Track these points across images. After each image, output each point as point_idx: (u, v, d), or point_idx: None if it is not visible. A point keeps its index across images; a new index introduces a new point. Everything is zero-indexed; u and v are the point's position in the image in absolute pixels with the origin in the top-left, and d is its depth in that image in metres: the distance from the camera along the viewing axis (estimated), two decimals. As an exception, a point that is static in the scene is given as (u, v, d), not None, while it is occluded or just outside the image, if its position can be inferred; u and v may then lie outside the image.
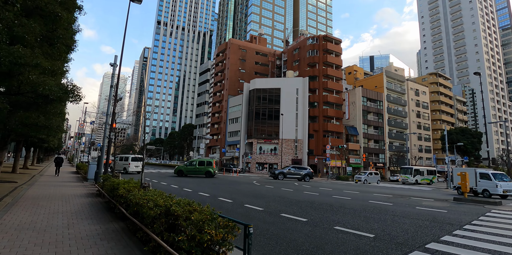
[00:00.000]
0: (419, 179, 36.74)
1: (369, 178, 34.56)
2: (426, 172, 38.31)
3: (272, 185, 19.47)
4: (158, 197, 5.04)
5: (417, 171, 37.35)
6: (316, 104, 51.64)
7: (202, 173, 25.64)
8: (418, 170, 37.65)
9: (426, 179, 37.63)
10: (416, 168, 37.89)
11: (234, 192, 13.77)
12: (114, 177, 9.85)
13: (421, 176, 37.16)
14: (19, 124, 12.42)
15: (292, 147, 50.47)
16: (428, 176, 38.15)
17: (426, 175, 37.86)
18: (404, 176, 37.45)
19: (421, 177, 37.16)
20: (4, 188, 10.50)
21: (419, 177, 36.76)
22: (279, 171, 29.78)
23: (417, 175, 36.72)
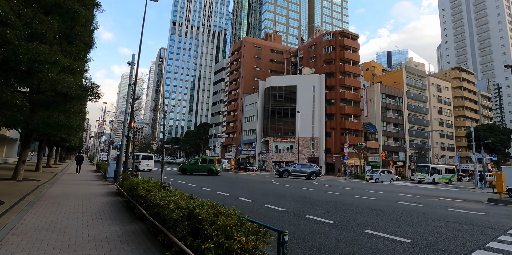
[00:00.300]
0: (437, 178, 34.80)
1: (382, 176, 32.73)
2: (444, 170, 36.33)
3: (291, 184, 19.04)
4: (179, 198, 4.75)
5: (435, 170, 35.35)
6: (333, 102, 50.63)
7: (204, 171, 25.72)
8: (436, 169, 35.65)
9: (445, 178, 35.67)
10: (434, 166, 35.93)
11: (253, 192, 13.45)
12: (133, 176, 9.73)
13: (438, 175, 35.21)
14: (41, 123, 12.56)
15: (308, 145, 49.75)
16: (447, 175, 36.18)
17: (444, 174, 35.93)
18: (420, 174, 35.62)
19: (439, 176, 35.20)
20: (28, 187, 10.60)
21: (436, 176, 34.83)
22: (284, 169, 29.30)
23: (434, 174, 34.81)
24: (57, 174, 17.62)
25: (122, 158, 13.31)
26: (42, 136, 19.66)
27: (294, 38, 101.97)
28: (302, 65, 59.94)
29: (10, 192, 8.95)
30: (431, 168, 35.19)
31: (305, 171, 28.62)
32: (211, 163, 25.74)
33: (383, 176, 33.02)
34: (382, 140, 52.05)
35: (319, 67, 53.03)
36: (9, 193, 8.75)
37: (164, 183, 6.30)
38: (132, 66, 14.36)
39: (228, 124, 67.47)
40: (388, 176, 33.46)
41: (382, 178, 32.70)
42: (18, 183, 11.50)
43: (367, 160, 48.64)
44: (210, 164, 25.72)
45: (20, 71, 7.12)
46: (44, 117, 13.12)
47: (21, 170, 12.59)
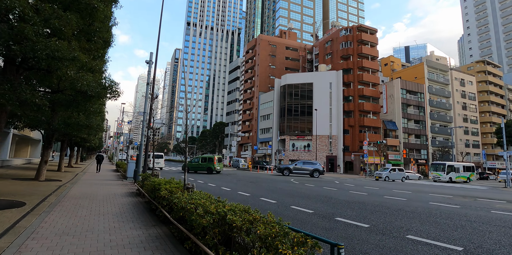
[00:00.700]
0: (454, 176, 32.65)
1: (392, 174, 30.82)
2: (462, 168, 33.88)
3: (313, 184, 18.45)
4: (206, 202, 4.35)
5: (451, 168, 32.95)
6: (351, 98, 49.38)
7: (204, 169, 26.22)
8: (452, 167, 33.25)
9: (462, 177, 33.33)
10: (450, 164, 33.49)
11: (275, 192, 12.98)
12: (153, 176, 9.47)
13: (455, 173, 32.99)
14: (62, 123, 12.57)
15: (326, 143, 48.79)
16: (465, 173, 33.77)
17: (462, 172, 33.60)
18: (435, 173, 33.46)
19: (456, 175, 32.97)
20: (50, 187, 10.56)
21: (453, 175, 32.68)
22: (285, 166, 28.95)
23: (451, 172, 32.56)
24: (78, 174, 17.77)
25: (142, 158, 13.15)
26: (63, 137, 19.93)
27: (309, 35, 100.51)
28: (318, 62, 58.83)
29: (32, 193, 8.88)
30: (447, 166, 32.79)
31: (307, 169, 28.13)
32: (211, 162, 26.18)
33: (393, 174, 31.15)
34: (403, 138, 50.36)
35: (336, 63, 51.83)
36: (31, 194, 8.66)
37: (187, 184, 5.92)
38: (150, 65, 14.17)
39: (244, 123, 67.24)
40: (399, 174, 31.57)
41: (393, 176, 30.77)
42: (40, 183, 11.52)
43: (387, 158, 47.17)
44: (210, 163, 26.17)
45: (40, 69, 6.95)
46: (65, 118, 13.16)
47: (43, 170, 12.65)
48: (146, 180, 9.14)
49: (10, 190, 9.10)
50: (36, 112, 10.31)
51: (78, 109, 8.79)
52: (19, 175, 14.27)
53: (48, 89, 8.08)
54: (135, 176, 13.21)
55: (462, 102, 59.51)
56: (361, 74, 48.69)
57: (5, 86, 5.77)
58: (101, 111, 14.39)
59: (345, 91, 49.25)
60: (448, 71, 59.23)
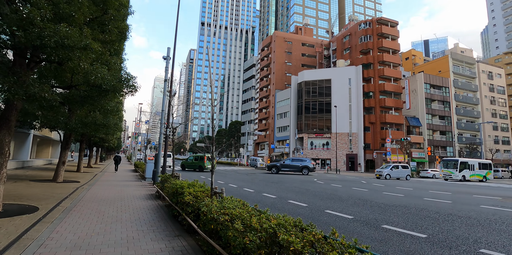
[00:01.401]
0: (467, 174, 29.66)
1: (394, 172, 28.28)
2: (478, 165, 30.95)
3: (339, 184, 17.38)
4: (243, 212, 3.52)
5: (465, 165, 29.90)
6: (372, 94, 47.57)
7: (196, 167, 27.48)
8: (466, 163, 30.16)
9: (478, 175, 30.39)
10: (464, 161, 30.49)
11: (303, 193, 12.06)
12: (173, 178, 8.77)
13: (470, 171, 29.99)
14: (79, 123, 12.11)
15: (346, 141, 47.26)
16: (480, 171, 30.83)
17: (477, 170, 30.68)
18: (446, 170, 30.27)
19: (470, 172, 29.97)
20: (66, 189, 10.08)
21: (467, 173, 29.69)
22: (272, 164, 28.86)
23: (464, 170, 29.55)
24: (97, 175, 17.46)
25: (160, 158, 12.54)
26: (82, 137, 19.73)
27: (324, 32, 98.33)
28: (335, 58, 57.16)
29: (48, 196, 8.36)
30: (460, 163, 29.65)
31: (296, 166, 27.84)
32: (201, 161, 27.22)
33: (395, 171, 28.52)
34: (427, 134, 48.10)
35: (355, 58, 50.08)
36: (47, 197, 8.14)
37: (214, 188, 5.12)
38: (168, 60, 13.55)
39: (260, 121, 66.42)
40: (402, 171, 28.82)
41: (395, 174, 28.34)
42: (57, 185, 11.09)
43: (411, 156, 45.11)
44: (200, 162, 27.22)
45: (50, 61, 6.33)
46: (82, 117, 12.72)
47: (61, 172, 12.25)
48: (166, 182, 8.45)
49: (25, 193, 8.62)
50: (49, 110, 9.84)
51: (94, 106, 8.17)
52: (37, 176, 14.01)
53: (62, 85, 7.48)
54: (154, 177, 12.62)
55: (490, 96, 56.32)
56: (382, 68, 46.78)
57: (10, 78, 5.14)
58: (118, 109, 13.92)
59: (365, 87, 47.49)
60: (475, 64, 56.17)
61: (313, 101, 49.61)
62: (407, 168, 29.61)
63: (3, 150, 6.29)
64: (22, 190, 9.22)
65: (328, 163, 47.42)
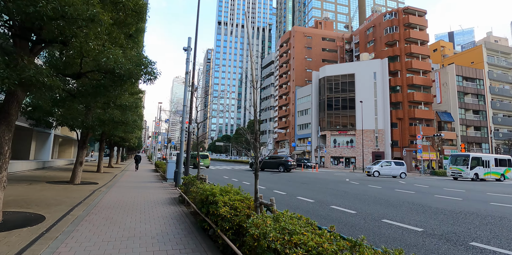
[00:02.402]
0: (481, 172, 25.39)
1: (384, 169, 25.67)
2: (494, 162, 26.50)
3: (376, 184, 15.75)
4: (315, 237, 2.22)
5: (477, 161, 25.61)
6: (399, 88, 44.95)
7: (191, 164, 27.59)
8: (479, 159, 25.81)
9: (494, 173, 26.04)
10: (476, 156, 26.22)
11: (341, 196, 10.62)
12: (199, 180, 7.60)
13: (484, 169, 25.60)
14: (96, 120, 11.24)
15: (371, 138, 44.96)
16: (497, 169, 26.35)
17: (493, 167, 26.21)
18: (455, 167, 26.13)
19: (485, 170, 25.62)
20: (82, 192, 9.16)
21: (480, 170, 25.40)
22: (252, 162, 29.26)
23: (477, 167, 25.28)
24: (116, 175, 16.72)
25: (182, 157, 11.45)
26: (101, 136, 19.12)
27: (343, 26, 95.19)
28: (358, 51, 54.73)
29: (59, 201, 7.41)
30: (472, 159, 25.45)
31: (273, 163, 27.97)
32: (194, 158, 27.72)
33: (387, 168, 25.83)
34: (460, 130, 44.94)
35: (380, 51, 47.55)
36: (58, 203, 7.18)
37: (260, 197, 3.84)
38: (189, 52, 12.44)
39: (280, 119, 64.91)
40: (395, 168, 25.77)
41: (386, 171, 25.76)
42: (74, 187, 10.23)
43: (443, 154, 42.24)
44: (194, 159, 27.63)
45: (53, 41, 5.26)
46: (100, 114, 11.88)
47: (78, 173, 11.43)
48: (191, 185, 7.29)
49: (36, 198, 7.72)
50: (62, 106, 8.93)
51: (108, 97, 7.07)
52: (55, 177, 13.33)
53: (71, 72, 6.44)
54: (176, 178, 11.56)
55: (530, 88, 51.98)
56: (410, 61, 44.05)
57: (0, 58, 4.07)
58: (137, 106, 13.00)
59: (392, 81, 44.92)
60: (511, 54, 52.07)
61: (336, 97, 47.58)
62: (401, 165, 26.58)
63: (2, 150, 5.31)
64: (33, 194, 8.35)
65: (353, 161, 45.32)
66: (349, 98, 46.65)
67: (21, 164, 14.90)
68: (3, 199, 5.28)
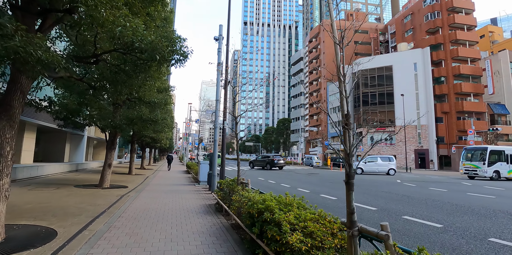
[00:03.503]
0: (504, 170, 20.47)
1: (368, 165, 23.91)
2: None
3: (439, 187, 13.56)
4: None
5: (497, 155, 20.86)
6: (444, 79, 41.11)
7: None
8: (502, 153, 20.92)
9: None
10: (496, 149, 21.55)
11: (408, 203, 8.80)
12: (239, 185, 6.26)
13: (507, 165, 20.65)
14: (124, 119, 10.34)
15: (413, 135, 41.53)
16: None
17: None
18: (469, 164, 21.66)
19: (508, 167, 20.64)
20: (109, 198, 8.20)
21: (502, 167, 20.49)
22: (251, 161, 33.36)
23: (497, 163, 20.50)
24: (148, 177, 15.97)
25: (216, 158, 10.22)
26: (132, 137, 18.58)
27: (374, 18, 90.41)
28: (395, 42, 51.13)
29: (82, 210, 6.41)
30: (491, 152, 20.65)
31: (262, 161, 30.33)
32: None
33: (371, 165, 24.01)
34: (517, 124, 40.14)
35: (420, 40, 43.84)
36: (79, 212, 6.18)
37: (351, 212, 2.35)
38: (220, 41, 11.23)
39: (311, 117, 62.59)
40: (382, 164, 23.73)
41: (371, 168, 24.00)
42: (101, 192, 9.36)
43: (498, 150, 37.80)
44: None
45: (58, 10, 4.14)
46: (127, 113, 11.02)
47: (106, 176, 10.62)
48: (230, 191, 5.97)
49: (57, 205, 6.81)
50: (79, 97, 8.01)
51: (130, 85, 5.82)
52: (85, 180, 12.71)
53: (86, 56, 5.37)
54: (210, 181, 10.36)
55: None
56: (455, 48, 40.05)
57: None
58: (166, 102, 12.01)
59: (435, 71, 41.17)
60: None
61: (372, 92, 44.63)
62: (390, 161, 24.17)
63: (3, 151, 4.27)
64: (56, 200, 7.48)
65: (393, 160, 42.09)
66: (387, 92, 43.52)
67: (53, 166, 14.57)
68: (4, 212, 4.24)
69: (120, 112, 10.97)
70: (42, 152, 18.40)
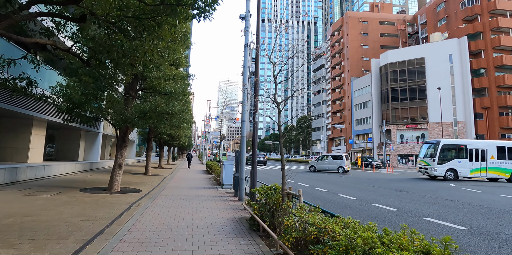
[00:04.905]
0: (464, 168, 17.48)
1: (320, 164, 24.64)
2: (497, 152, 17.71)
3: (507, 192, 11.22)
4: None
5: (455, 150, 18.03)
6: (483, 71, 37.53)
7: None
8: (461, 148, 17.96)
9: (497, 170, 17.34)
10: (452, 143, 18.70)
11: (498, 217, 6.69)
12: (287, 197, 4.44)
13: (472, 162, 17.46)
14: (136, 111, 8.78)
15: (449, 132, 38.20)
16: (499, 163, 17.48)
17: (495, 160, 17.55)
18: (423, 161, 19.06)
19: (473, 165, 17.43)
20: (116, 207, 6.63)
21: (462, 165, 17.52)
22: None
23: (454, 160, 17.67)
24: (165, 178, 14.49)
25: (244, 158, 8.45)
26: (149, 135, 17.21)
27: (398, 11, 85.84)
28: (426, 33, 47.59)
29: (74, 227, 4.82)
30: (444, 147, 18.03)
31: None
32: None
33: (323, 163, 24.70)
34: None
35: (456, 29, 40.31)
36: (68, 233, 4.58)
37: None
38: (247, 18, 9.49)
39: (334, 114, 59.87)
40: (332, 163, 24.16)
41: (322, 166, 24.68)
42: (108, 198, 7.83)
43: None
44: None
45: None
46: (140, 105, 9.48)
47: (116, 178, 9.12)
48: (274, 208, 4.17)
49: (45, 219, 5.26)
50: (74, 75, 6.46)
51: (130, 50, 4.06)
52: (95, 182, 11.32)
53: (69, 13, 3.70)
54: (237, 184, 8.62)
55: None
56: (497, 37, 36.38)
57: None
58: (184, 92, 10.39)
59: (474, 63, 37.65)
60: None
61: (402, 86, 41.58)
62: (340, 159, 24.07)
63: None
64: (48, 211, 5.96)
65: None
66: (418, 87, 40.39)
67: (64, 166, 13.35)
68: None
69: (132, 104, 9.44)
70: (56, 151, 17.40)
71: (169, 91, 9.39)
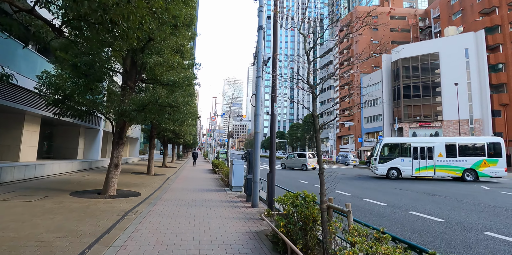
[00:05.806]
0: (408, 167, 16.92)
1: (289, 161, 26.81)
2: (446, 149, 16.73)
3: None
4: None
5: (398, 148, 17.66)
6: (502, 66, 35.76)
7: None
8: (403, 147, 17.52)
9: (446, 169, 16.41)
10: (394, 142, 18.32)
11: None
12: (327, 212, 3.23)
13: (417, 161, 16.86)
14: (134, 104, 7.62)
15: (464, 130, 36.52)
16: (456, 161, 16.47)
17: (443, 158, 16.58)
18: (371, 160, 19.33)
19: (419, 163, 16.78)
20: (106, 218, 5.48)
21: (405, 163, 17.00)
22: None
23: (396, 159, 17.31)
24: (169, 178, 13.37)
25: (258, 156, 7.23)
26: (151, 132, 16.10)
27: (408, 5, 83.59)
28: (439, 27, 45.81)
29: (50, 247, 3.70)
30: (385, 146, 17.98)
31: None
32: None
33: (291, 161, 26.77)
34: None
35: (472, 22, 38.53)
36: (44, 251, 3.43)
37: None
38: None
39: (343, 111, 58.30)
40: (297, 160, 25.99)
41: (291, 164, 26.67)
42: (100, 205, 6.69)
43: None
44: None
45: None
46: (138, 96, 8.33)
47: (112, 180, 7.99)
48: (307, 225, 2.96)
49: (12, 237, 4.13)
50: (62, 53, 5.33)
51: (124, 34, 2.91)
52: (91, 183, 10.22)
53: None
54: (249, 188, 7.41)
55: None
56: (517, 30, 34.56)
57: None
58: (190, 83, 9.21)
59: (491, 58, 35.89)
60: None
61: (415, 82, 39.98)
62: (303, 157, 25.86)
63: None
64: (20, 224, 4.83)
65: (440, 158, 37.45)
66: (432, 83, 38.78)
67: (59, 165, 12.28)
68: None
69: (130, 96, 8.29)
70: (54, 148, 16.39)
71: (172, 80, 8.21)
